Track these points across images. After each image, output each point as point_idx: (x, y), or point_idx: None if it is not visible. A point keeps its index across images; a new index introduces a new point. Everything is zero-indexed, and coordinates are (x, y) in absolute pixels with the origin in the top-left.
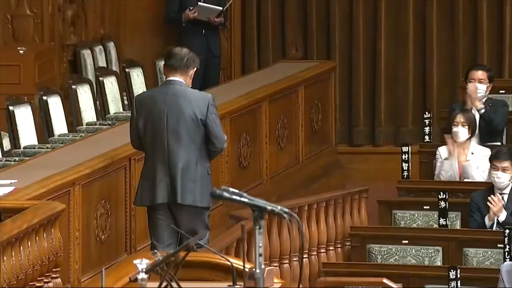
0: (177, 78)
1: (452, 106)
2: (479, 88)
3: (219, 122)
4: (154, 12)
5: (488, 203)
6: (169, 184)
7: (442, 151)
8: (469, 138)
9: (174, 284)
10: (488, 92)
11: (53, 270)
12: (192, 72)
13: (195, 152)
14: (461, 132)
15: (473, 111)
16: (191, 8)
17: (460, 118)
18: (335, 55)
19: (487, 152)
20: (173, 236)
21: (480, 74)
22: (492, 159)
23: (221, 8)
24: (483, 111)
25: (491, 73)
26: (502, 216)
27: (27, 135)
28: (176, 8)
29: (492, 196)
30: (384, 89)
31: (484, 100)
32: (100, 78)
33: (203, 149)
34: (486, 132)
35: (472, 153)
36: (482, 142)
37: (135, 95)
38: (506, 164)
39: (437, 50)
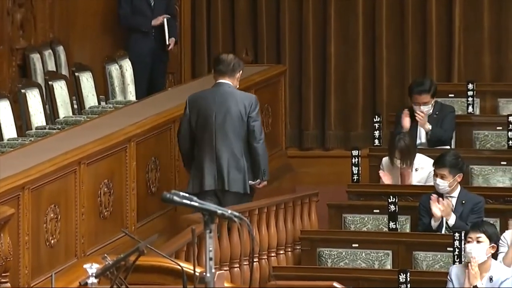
0: (225, 80)
1: (398, 114)
2: (424, 108)
3: (260, 122)
4: (104, 16)
5: (431, 202)
6: (216, 173)
7: (385, 162)
8: (411, 163)
9: None
10: (433, 103)
11: (3, 274)
12: (238, 75)
13: (240, 146)
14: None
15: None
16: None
17: (397, 154)
18: (285, 59)
19: (429, 165)
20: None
21: (423, 97)
22: (434, 164)
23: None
24: (430, 132)
25: (433, 91)
26: (452, 220)
27: None
28: (129, 11)
29: (434, 197)
30: (334, 93)
31: (431, 104)
32: (50, 82)
33: (247, 143)
34: (435, 143)
35: (416, 170)
36: (431, 147)
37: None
38: (443, 171)
39: (387, 53)
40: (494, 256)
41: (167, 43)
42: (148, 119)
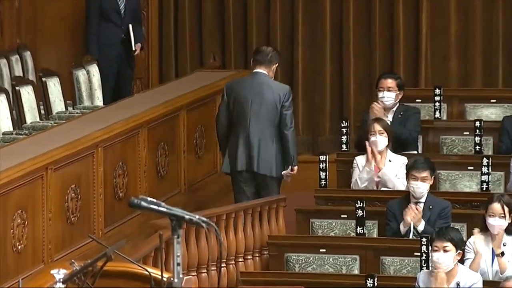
0: (262, 70)
1: (363, 117)
2: (388, 96)
3: (291, 111)
4: (71, 22)
5: (405, 210)
6: (247, 155)
7: (359, 160)
8: (387, 146)
9: None
10: (398, 100)
11: None
12: (274, 67)
13: (272, 132)
14: (380, 140)
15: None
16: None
17: (377, 127)
18: None
19: (404, 160)
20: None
21: (389, 82)
22: (410, 169)
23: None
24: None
25: (400, 81)
26: (421, 226)
27: None
28: (96, 26)
29: (412, 206)
30: (302, 98)
31: (395, 108)
32: (17, 88)
33: (278, 130)
34: (397, 145)
35: (390, 161)
36: (395, 150)
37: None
38: (425, 174)
39: (354, 58)
40: (461, 261)
41: (133, 49)
42: (115, 124)
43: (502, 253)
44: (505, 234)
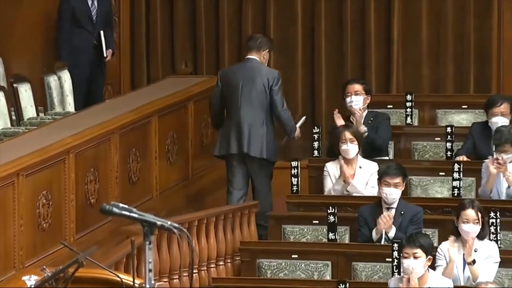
0: (253, 56)
1: (333, 125)
2: (356, 100)
3: (281, 94)
4: (43, 28)
5: (379, 219)
6: (238, 138)
7: (330, 168)
8: (357, 153)
9: None
10: (366, 105)
11: None
12: (264, 52)
13: (262, 115)
14: (351, 148)
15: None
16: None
17: (347, 135)
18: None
19: (374, 167)
20: (246, 184)
21: (356, 87)
22: (383, 175)
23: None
24: (366, 134)
25: (366, 86)
26: (392, 232)
27: None
28: (67, 33)
29: (385, 214)
30: None
31: (364, 114)
32: None
33: (269, 113)
34: (370, 151)
35: (360, 167)
36: (366, 157)
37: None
38: (397, 180)
39: (326, 64)
40: (432, 267)
41: (105, 55)
42: (87, 130)
43: (474, 261)
44: (476, 239)
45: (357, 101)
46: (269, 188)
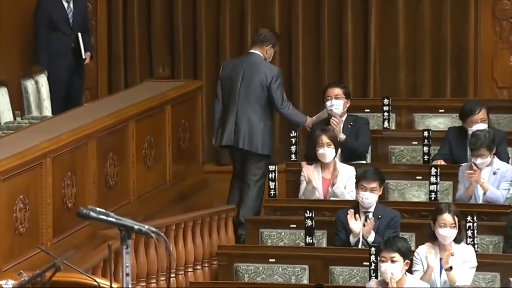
0: (255, 51)
1: (313, 127)
2: (336, 104)
3: (280, 91)
4: (20, 31)
5: (348, 217)
6: (233, 132)
7: (307, 171)
8: (334, 157)
9: None
10: (345, 109)
11: None
12: (267, 48)
13: (259, 111)
14: (328, 153)
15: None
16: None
17: (324, 139)
18: (202, 74)
19: (352, 171)
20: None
21: (336, 90)
22: (360, 179)
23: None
24: (343, 137)
25: (346, 90)
26: (371, 237)
27: None
28: (45, 36)
29: (350, 213)
30: None
31: (344, 118)
32: None
33: (267, 109)
34: (350, 155)
35: (338, 172)
36: (345, 161)
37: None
38: (374, 185)
39: (303, 68)
40: (409, 271)
41: (83, 57)
42: (64, 134)
43: (451, 268)
44: (453, 243)
45: (338, 105)
46: (259, 187)
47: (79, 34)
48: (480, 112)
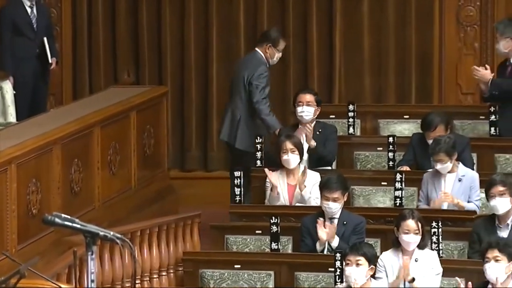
0: (257, 49)
1: (280, 131)
2: (307, 111)
3: (260, 88)
4: None
5: (317, 226)
6: (228, 127)
7: (272, 178)
8: (299, 163)
9: None
10: (316, 116)
11: None
12: (266, 47)
13: (242, 107)
14: (292, 159)
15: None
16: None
17: (288, 145)
18: (167, 79)
19: (317, 177)
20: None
21: (308, 97)
22: (322, 188)
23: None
24: (314, 144)
25: (318, 98)
26: (335, 242)
27: None
28: (9, 40)
29: (326, 223)
30: (216, 114)
31: (313, 124)
32: None
33: (249, 106)
34: (317, 162)
35: (306, 177)
36: (312, 167)
37: None
38: (336, 194)
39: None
40: (373, 276)
41: (50, 61)
42: (29, 141)
43: (413, 279)
44: (417, 249)
45: (309, 112)
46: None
47: (45, 39)
48: (436, 129)
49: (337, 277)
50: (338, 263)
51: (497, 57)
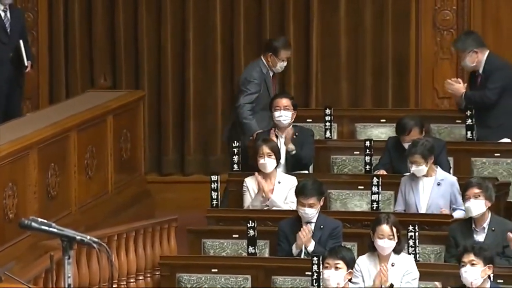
0: (261, 56)
1: (257, 136)
2: (285, 115)
3: (243, 92)
4: None
5: (298, 234)
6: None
7: (249, 183)
8: (275, 167)
9: None
10: (293, 120)
11: None
12: (267, 55)
13: (236, 111)
14: (269, 163)
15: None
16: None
17: (265, 149)
18: (144, 84)
19: (293, 181)
20: None
21: (284, 101)
22: (298, 194)
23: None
24: (294, 152)
25: (294, 101)
26: (311, 247)
27: None
28: None
29: (305, 228)
30: (193, 118)
31: (289, 129)
32: None
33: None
34: (294, 166)
35: (279, 182)
36: (289, 171)
37: None
38: (312, 200)
39: None
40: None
41: (25, 64)
42: (5, 145)
43: (392, 286)
44: (393, 253)
45: (286, 116)
46: None
47: (21, 41)
48: (410, 133)
49: (314, 281)
50: (315, 267)
51: None
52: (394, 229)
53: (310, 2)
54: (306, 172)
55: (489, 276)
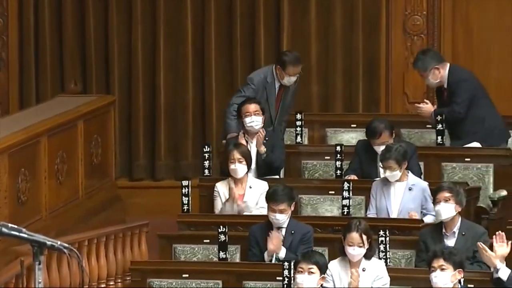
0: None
1: (228, 141)
2: (257, 120)
3: (238, 95)
4: None
5: (268, 239)
6: None
7: (220, 188)
8: (247, 172)
9: None
10: (263, 125)
11: None
12: (277, 67)
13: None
14: (239, 168)
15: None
16: None
17: (236, 154)
18: (114, 89)
19: (264, 186)
20: None
21: (253, 107)
22: (268, 200)
23: None
24: (265, 155)
25: (262, 105)
26: (282, 253)
27: None
28: None
29: (273, 232)
30: (164, 123)
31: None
32: None
33: None
34: (266, 170)
35: (250, 187)
36: (260, 176)
37: None
38: (282, 206)
39: (216, 82)
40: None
41: None
42: None
43: None
44: (364, 259)
45: (257, 121)
46: None
47: None
48: (381, 136)
49: (285, 286)
50: (286, 272)
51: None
52: (364, 237)
53: (280, 5)
54: (277, 177)
55: (459, 281)
